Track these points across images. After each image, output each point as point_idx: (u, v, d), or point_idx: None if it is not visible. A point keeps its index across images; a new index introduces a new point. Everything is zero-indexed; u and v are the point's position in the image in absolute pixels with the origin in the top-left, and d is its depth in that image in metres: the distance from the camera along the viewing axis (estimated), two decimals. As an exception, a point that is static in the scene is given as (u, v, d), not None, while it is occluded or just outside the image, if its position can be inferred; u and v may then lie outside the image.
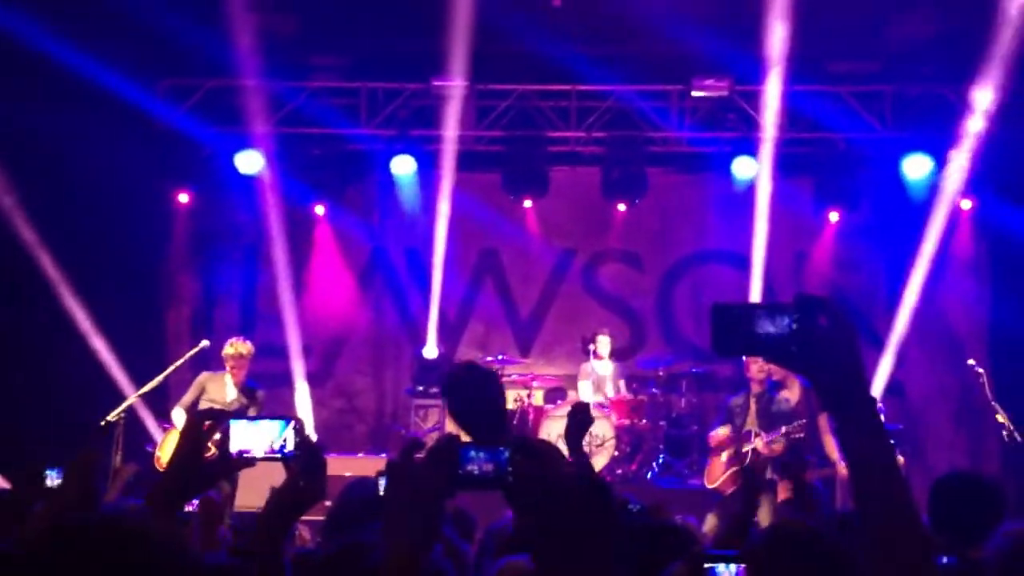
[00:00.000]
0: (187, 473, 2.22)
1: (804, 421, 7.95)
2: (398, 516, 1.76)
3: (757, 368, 8.15)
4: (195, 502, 3.72)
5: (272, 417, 2.33)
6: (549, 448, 1.87)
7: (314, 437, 2.29)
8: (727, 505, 7.86)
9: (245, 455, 2.28)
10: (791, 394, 8.32)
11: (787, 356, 1.57)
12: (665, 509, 3.82)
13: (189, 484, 2.25)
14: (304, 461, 2.24)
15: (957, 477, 3.96)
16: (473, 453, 1.79)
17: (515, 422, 9.57)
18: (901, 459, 7.88)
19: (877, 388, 9.99)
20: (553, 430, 9.01)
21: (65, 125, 8.71)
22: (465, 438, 1.93)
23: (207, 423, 2.25)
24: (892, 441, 1.58)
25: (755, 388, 8.17)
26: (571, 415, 2.99)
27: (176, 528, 2.28)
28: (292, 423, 2.29)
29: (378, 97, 10.68)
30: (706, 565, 2.07)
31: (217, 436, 2.28)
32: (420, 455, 1.81)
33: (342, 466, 8.14)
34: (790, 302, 1.56)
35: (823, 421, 8.36)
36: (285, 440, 2.26)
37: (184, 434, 2.24)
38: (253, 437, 2.29)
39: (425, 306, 10.94)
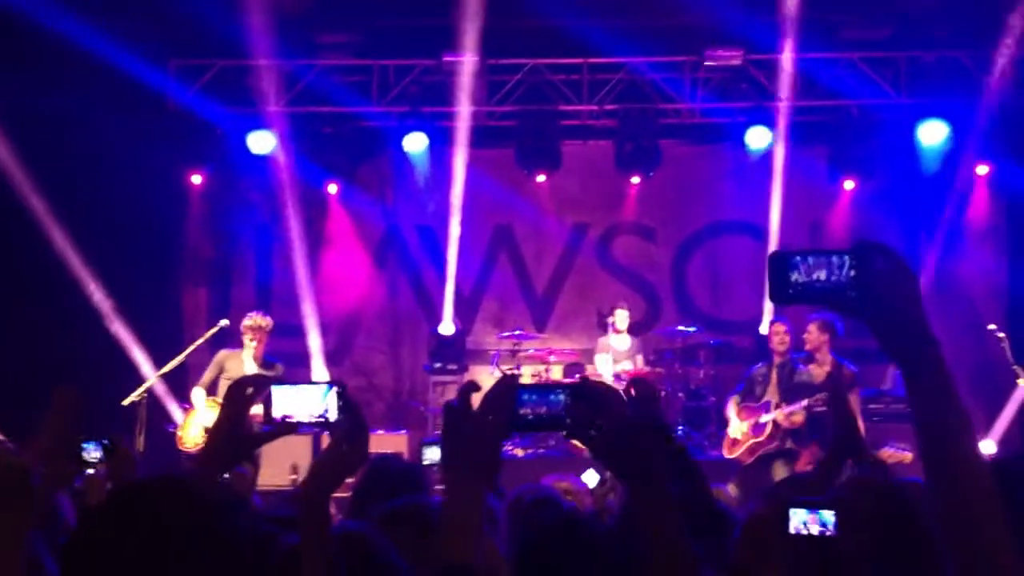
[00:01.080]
0: (231, 439, 2.23)
1: (826, 394, 7.89)
2: (457, 458, 1.78)
3: (779, 339, 8.13)
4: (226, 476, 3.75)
5: (314, 382, 2.33)
6: (607, 390, 1.87)
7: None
8: (747, 475, 7.87)
9: (288, 420, 2.28)
10: (821, 370, 8.16)
11: (846, 302, 1.55)
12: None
13: (233, 450, 2.26)
14: (347, 425, 2.24)
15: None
16: (529, 396, 1.79)
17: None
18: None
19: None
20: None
21: (77, 106, 8.71)
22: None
23: (250, 389, 2.26)
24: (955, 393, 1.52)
25: (777, 359, 8.15)
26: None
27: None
28: (335, 388, 2.28)
29: (389, 74, 10.65)
30: (792, 510, 2.03)
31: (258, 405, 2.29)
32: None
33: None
34: (848, 248, 1.54)
35: (854, 403, 8.20)
36: (328, 405, 2.26)
37: (227, 400, 2.25)
38: (296, 403, 2.28)
39: (440, 283, 10.96)
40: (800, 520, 1.97)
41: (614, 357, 9.87)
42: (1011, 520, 1.45)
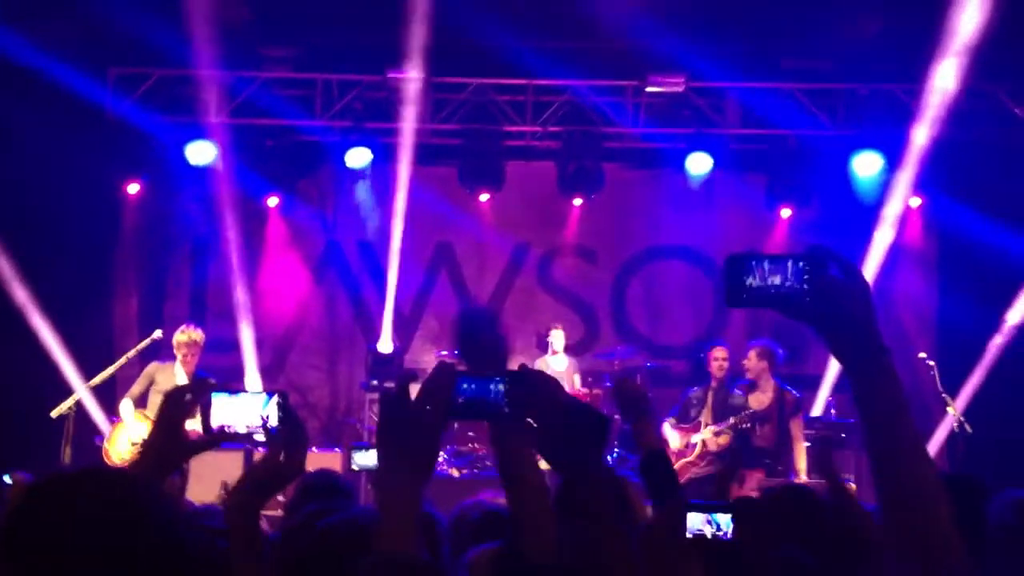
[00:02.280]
0: (166, 446, 2.18)
1: (752, 411, 8.01)
2: (394, 448, 1.73)
3: (717, 365, 8.25)
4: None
5: (255, 391, 2.28)
6: (546, 378, 1.85)
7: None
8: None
9: (227, 429, 2.23)
10: (764, 396, 8.24)
11: (799, 308, 1.56)
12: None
13: (168, 457, 2.20)
14: (287, 436, 2.19)
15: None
16: (467, 384, 1.75)
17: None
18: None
19: (828, 382, 10.12)
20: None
21: (12, 113, 8.53)
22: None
23: (188, 396, 2.21)
24: (903, 399, 1.55)
25: (714, 383, 8.26)
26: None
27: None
28: (275, 397, 2.24)
29: (333, 89, 10.59)
30: (692, 514, 2.02)
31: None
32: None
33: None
34: (803, 254, 1.55)
35: (796, 428, 8.29)
36: (268, 415, 2.22)
37: (164, 407, 2.20)
38: (235, 412, 2.23)
39: (380, 300, 10.88)
40: (696, 523, 1.97)
41: (552, 378, 9.85)
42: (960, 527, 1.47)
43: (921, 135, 9.73)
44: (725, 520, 1.98)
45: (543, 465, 1.94)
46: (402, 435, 1.72)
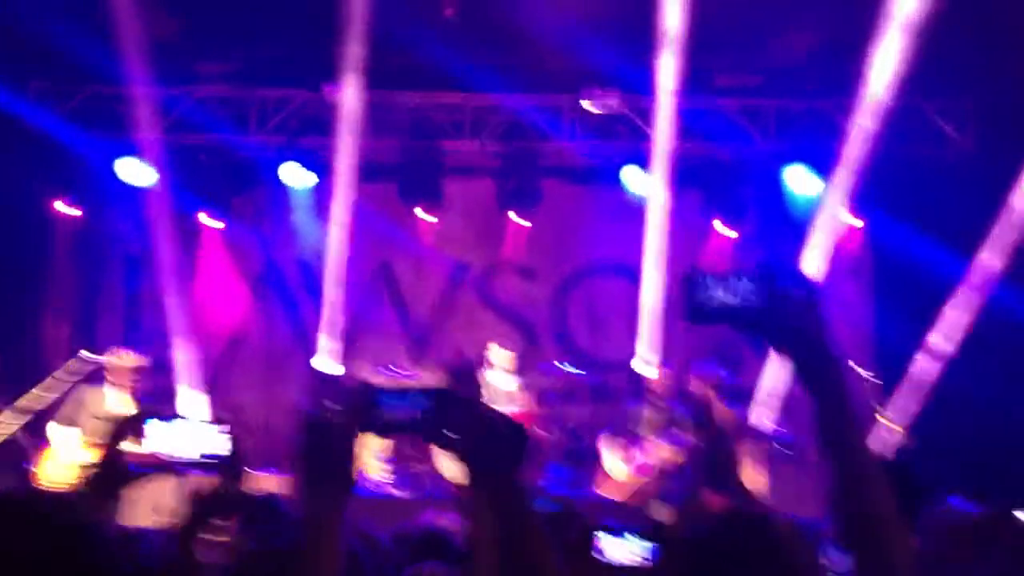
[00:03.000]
0: (106, 475, 2.17)
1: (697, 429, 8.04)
2: (313, 467, 1.74)
3: (660, 385, 8.28)
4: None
5: (195, 419, 2.25)
6: (471, 394, 1.86)
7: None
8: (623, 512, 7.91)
9: (165, 457, 2.21)
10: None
11: (755, 323, 1.62)
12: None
13: (107, 486, 2.20)
14: (233, 467, 2.19)
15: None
16: (389, 399, 1.76)
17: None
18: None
19: (763, 395, 10.21)
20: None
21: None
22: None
23: (125, 424, 2.20)
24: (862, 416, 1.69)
25: (655, 401, 8.28)
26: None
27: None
28: (217, 426, 2.23)
29: (267, 105, 10.50)
30: (601, 535, 2.01)
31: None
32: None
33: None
34: (757, 270, 1.60)
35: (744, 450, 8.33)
36: (210, 444, 2.21)
37: (103, 435, 2.18)
38: (174, 440, 2.22)
39: (318, 318, 10.77)
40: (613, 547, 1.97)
41: (492, 394, 9.84)
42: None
43: (852, 152, 9.88)
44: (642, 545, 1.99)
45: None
46: (320, 454, 1.74)
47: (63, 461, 7.71)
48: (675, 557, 2.09)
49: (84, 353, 8.37)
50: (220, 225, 10.98)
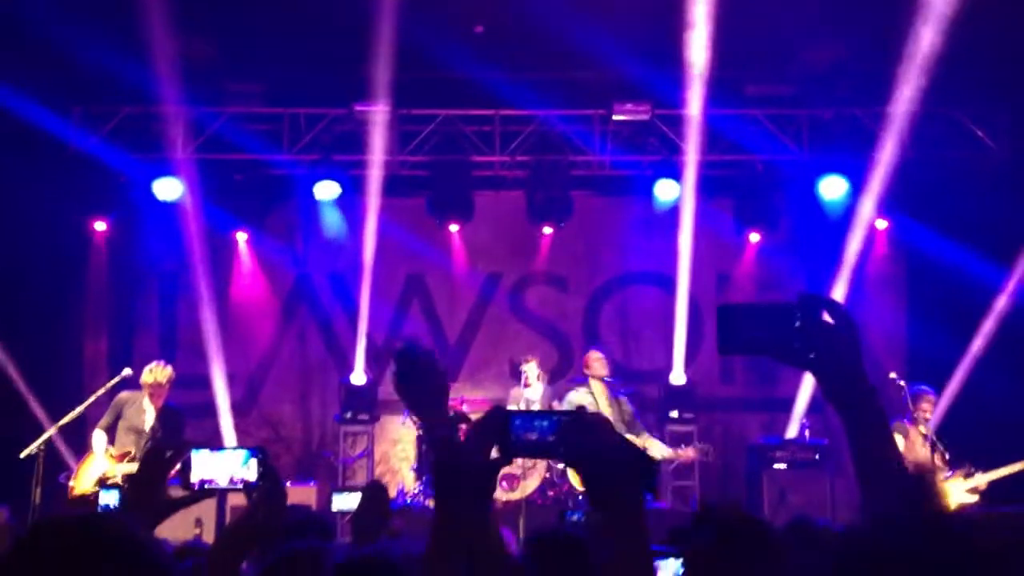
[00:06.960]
0: (149, 504, 2.19)
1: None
2: (450, 489, 1.79)
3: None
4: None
5: (234, 447, 2.32)
6: (600, 419, 1.90)
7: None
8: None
9: (207, 485, 2.26)
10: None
11: (791, 354, 1.63)
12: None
13: (152, 515, 2.21)
14: (266, 492, 2.22)
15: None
16: (521, 422, 1.80)
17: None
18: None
19: (801, 405, 10.19)
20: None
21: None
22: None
23: (169, 453, 2.23)
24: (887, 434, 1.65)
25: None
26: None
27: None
28: (256, 453, 2.27)
29: (300, 122, 10.60)
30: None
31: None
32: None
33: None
34: (794, 301, 1.61)
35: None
36: (248, 471, 2.25)
37: (145, 463, 2.22)
38: (215, 467, 2.27)
39: (351, 332, 10.84)
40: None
41: (527, 407, 9.84)
42: None
43: (885, 158, 9.85)
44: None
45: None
46: (457, 476, 1.79)
47: (100, 474, 7.82)
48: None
49: (126, 370, 8.45)
50: (244, 238, 11.06)
